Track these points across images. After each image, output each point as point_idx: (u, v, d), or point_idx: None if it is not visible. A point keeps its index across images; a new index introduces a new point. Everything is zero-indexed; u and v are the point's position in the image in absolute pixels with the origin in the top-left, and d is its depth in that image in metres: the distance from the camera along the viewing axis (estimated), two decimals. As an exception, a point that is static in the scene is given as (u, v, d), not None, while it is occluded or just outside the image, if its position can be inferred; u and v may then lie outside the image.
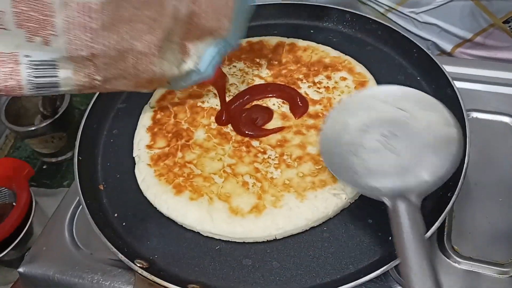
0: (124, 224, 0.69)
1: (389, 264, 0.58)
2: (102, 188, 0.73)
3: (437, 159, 0.56)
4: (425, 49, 0.79)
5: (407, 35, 0.82)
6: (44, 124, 0.98)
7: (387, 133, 0.59)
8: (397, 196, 0.53)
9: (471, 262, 0.66)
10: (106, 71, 0.58)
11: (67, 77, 0.56)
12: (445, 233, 0.69)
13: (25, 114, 1.05)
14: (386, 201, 0.54)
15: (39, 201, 0.96)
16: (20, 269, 0.71)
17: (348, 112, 0.64)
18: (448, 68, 0.78)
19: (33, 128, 0.98)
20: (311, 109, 0.75)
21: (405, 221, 0.51)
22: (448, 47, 1.01)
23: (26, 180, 0.92)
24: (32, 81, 0.54)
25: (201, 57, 0.66)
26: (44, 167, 1.06)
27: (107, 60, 0.57)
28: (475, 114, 0.81)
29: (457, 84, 0.78)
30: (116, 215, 0.70)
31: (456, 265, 0.66)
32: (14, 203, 0.89)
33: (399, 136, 0.59)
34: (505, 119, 0.80)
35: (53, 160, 1.06)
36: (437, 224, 0.60)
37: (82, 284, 0.69)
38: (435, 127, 0.59)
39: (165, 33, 0.60)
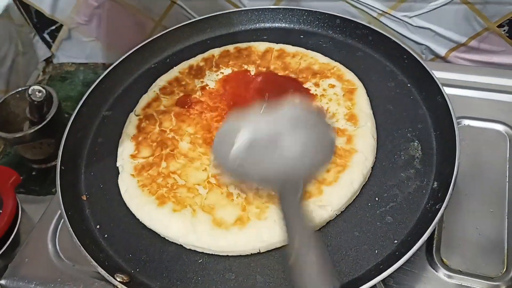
0: (106, 236, 0.67)
1: (376, 278, 0.57)
2: (85, 198, 0.72)
3: (316, 153, 0.62)
4: (415, 56, 0.77)
5: (398, 41, 0.81)
6: (32, 130, 0.96)
7: (272, 142, 0.64)
8: (282, 184, 0.58)
9: (460, 276, 0.64)
10: None
11: None
12: (434, 245, 0.67)
13: (14, 120, 1.04)
14: (274, 187, 0.60)
15: (28, 208, 0.94)
16: (2, 281, 0.70)
17: (237, 127, 0.65)
18: (440, 74, 0.77)
19: (20, 135, 0.96)
20: (298, 117, 0.74)
21: (288, 202, 0.56)
22: (442, 51, 1.00)
23: (12, 188, 0.90)
24: None
25: None
26: (33, 173, 1.05)
27: None
28: (467, 122, 0.80)
29: (450, 91, 0.77)
30: (98, 226, 0.68)
31: (445, 278, 0.65)
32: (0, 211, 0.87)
33: (284, 142, 0.63)
34: (498, 126, 0.78)
35: (42, 166, 1.04)
36: (424, 237, 0.59)
37: (64, 297, 0.68)
38: (315, 129, 0.64)
39: None
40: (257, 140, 0.65)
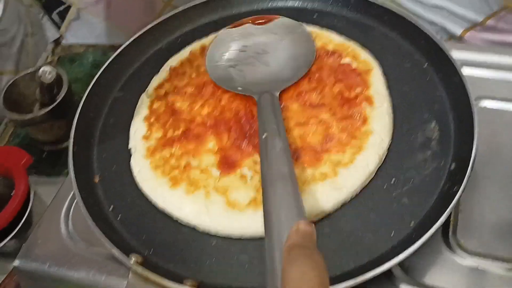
0: (119, 218, 0.67)
1: (392, 260, 0.56)
2: (97, 180, 0.71)
3: (296, 64, 0.76)
4: (432, 36, 0.75)
5: (414, 20, 0.79)
6: (42, 112, 0.96)
7: (260, 51, 0.78)
8: (263, 92, 0.69)
9: (477, 258, 0.63)
10: None
11: None
12: (450, 227, 0.66)
13: (24, 101, 1.04)
14: (255, 96, 0.69)
15: (40, 189, 0.94)
16: (15, 262, 0.70)
17: (231, 37, 0.81)
18: (457, 54, 0.75)
19: (31, 116, 0.96)
20: (312, 97, 0.72)
21: (268, 107, 0.66)
22: (457, 31, 0.98)
23: (24, 169, 0.90)
24: None
25: None
26: (44, 155, 1.05)
27: None
28: (484, 103, 0.78)
29: (467, 71, 0.76)
30: (111, 208, 0.68)
31: (462, 260, 0.64)
32: (12, 193, 0.87)
33: (270, 52, 0.78)
34: (517, 107, 0.77)
35: (53, 148, 1.04)
36: (442, 220, 0.58)
37: (77, 278, 0.68)
38: (299, 42, 0.79)
39: None
40: (248, 48, 0.79)
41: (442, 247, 0.65)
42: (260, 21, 0.82)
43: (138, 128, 0.74)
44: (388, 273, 0.63)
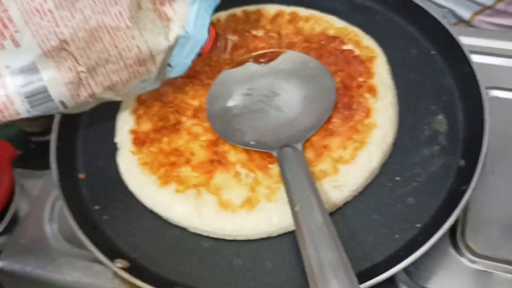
0: (105, 217, 0.63)
1: (396, 267, 0.53)
2: (82, 177, 0.67)
3: (316, 107, 0.64)
4: (440, 20, 0.71)
5: (421, 3, 0.74)
6: (28, 101, 0.92)
7: (269, 93, 0.66)
8: (283, 146, 0.59)
9: (486, 261, 0.60)
10: (85, 58, 0.53)
11: (52, 77, 0.52)
12: (458, 228, 0.62)
13: (10, 89, 0.99)
14: (274, 152, 0.59)
15: (26, 183, 0.90)
16: (-2, 263, 0.67)
17: (233, 80, 0.69)
18: (466, 40, 0.70)
19: (17, 106, 0.92)
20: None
21: (294, 167, 0.56)
22: (466, 15, 0.92)
23: (9, 162, 0.86)
24: (20, 92, 0.51)
25: (184, 18, 0.59)
26: (32, 146, 1.01)
27: (80, 44, 0.52)
28: (495, 92, 0.73)
29: (477, 58, 0.71)
30: (97, 207, 0.64)
31: (470, 264, 0.60)
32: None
33: (281, 94, 0.66)
34: (529, 98, 0.72)
35: (40, 139, 1.00)
36: (450, 222, 0.54)
37: (62, 280, 0.64)
38: (313, 79, 0.67)
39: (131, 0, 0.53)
40: (253, 91, 0.68)
41: (449, 249, 0.61)
42: (263, 59, 0.72)
43: (125, 121, 0.69)
44: (391, 277, 0.59)
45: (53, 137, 0.68)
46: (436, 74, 0.69)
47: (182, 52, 0.61)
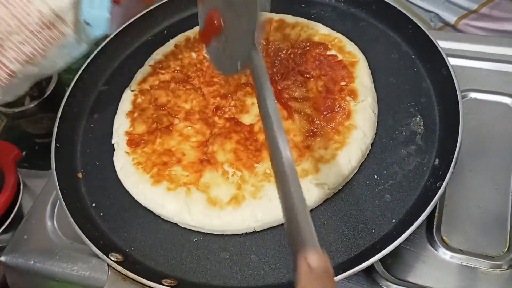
0: (101, 214, 0.67)
1: (372, 259, 0.55)
2: (80, 176, 0.71)
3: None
4: (420, 25, 0.74)
5: (404, 9, 0.77)
6: (32, 105, 0.96)
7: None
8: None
9: (461, 255, 0.63)
10: None
11: None
12: (434, 223, 0.66)
13: (15, 94, 1.03)
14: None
15: (31, 183, 0.94)
16: (2, 258, 0.71)
17: None
18: (447, 44, 0.74)
19: (21, 109, 0.96)
20: (296, 92, 0.71)
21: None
22: (452, 19, 0.96)
23: (14, 163, 0.90)
24: None
25: None
26: (36, 147, 1.05)
27: None
28: (473, 94, 0.76)
29: (457, 62, 0.74)
30: (94, 204, 0.68)
31: (445, 257, 0.63)
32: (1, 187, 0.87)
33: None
34: (505, 99, 0.75)
35: (45, 140, 1.04)
36: (422, 217, 0.57)
37: (62, 273, 0.68)
38: None
39: None
40: None
41: (426, 244, 0.65)
42: None
43: (121, 123, 0.73)
44: (370, 270, 0.63)
45: (53, 139, 0.72)
46: (416, 77, 0.72)
47: (93, 3, 0.59)
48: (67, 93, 0.77)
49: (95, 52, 0.82)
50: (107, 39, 0.84)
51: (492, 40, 0.81)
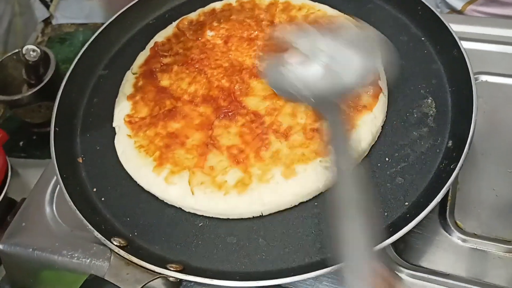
0: (103, 199, 0.65)
1: (384, 242, 0.53)
2: (81, 161, 0.69)
3: (359, 64, 0.58)
4: (430, 7, 0.72)
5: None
6: (30, 92, 0.94)
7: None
8: (323, 99, 0.56)
9: (475, 239, 0.61)
10: None
11: None
12: (447, 207, 0.64)
13: (12, 83, 1.01)
14: (311, 103, 0.58)
15: (28, 171, 0.93)
16: (-1, 246, 0.68)
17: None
18: (456, 27, 0.71)
19: (18, 97, 0.94)
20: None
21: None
22: (458, 4, 0.94)
23: (0, 145, 0.88)
24: None
25: None
26: (34, 137, 1.03)
27: None
28: (484, 77, 0.75)
29: (466, 45, 0.72)
30: (95, 189, 0.66)
31: (459, 242, 0.61)
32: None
33: (326, 51, 0.60)
34: (517, 82, 0.73)
35: (42, 130, 1.02)
36: (437, 199, 0.55)
37: (62, 261, 0.66)
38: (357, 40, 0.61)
39: None
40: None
41: (439, 228, 0.63)
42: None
43: (122, 107, 0.71)
44: (383, 255, 0.61)
45: (51, 122, 0.69)
46: (426, 59, 0.71)
47: None
48: (66, 78, 0.74)
49: (92, 37, 0.79)
50: (106, 23, 0.81)
51: (502, 23, 0.80)
